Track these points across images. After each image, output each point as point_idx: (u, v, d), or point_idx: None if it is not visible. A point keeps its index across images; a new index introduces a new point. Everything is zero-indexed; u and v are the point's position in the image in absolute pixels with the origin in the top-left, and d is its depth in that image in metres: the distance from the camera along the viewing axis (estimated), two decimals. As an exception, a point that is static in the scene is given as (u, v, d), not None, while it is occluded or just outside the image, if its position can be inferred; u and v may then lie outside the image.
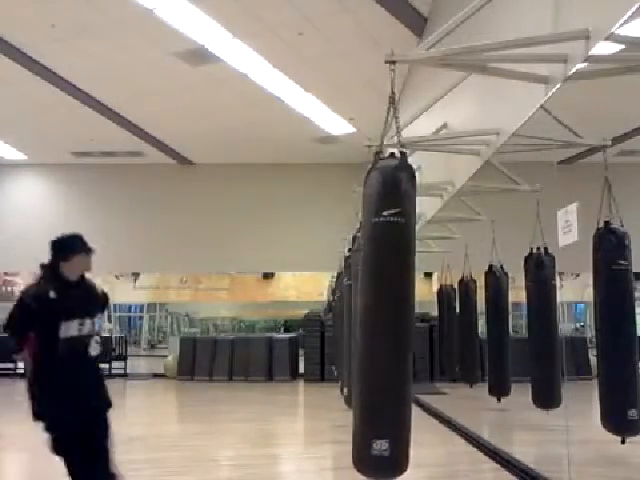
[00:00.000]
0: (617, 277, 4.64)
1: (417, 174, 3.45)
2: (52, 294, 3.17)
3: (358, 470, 3.24)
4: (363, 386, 3.29)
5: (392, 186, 3.31)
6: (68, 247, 3.36)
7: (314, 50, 8.48)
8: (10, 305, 3.25)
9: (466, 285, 9.03)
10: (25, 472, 5.78)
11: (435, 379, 11.19)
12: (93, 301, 3.41)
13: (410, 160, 3.47)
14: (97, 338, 3.28)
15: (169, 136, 12.32)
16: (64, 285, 3.25)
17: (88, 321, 3.24)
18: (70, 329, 3.15)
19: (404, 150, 3.42)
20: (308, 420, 8.98)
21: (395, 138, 3.58)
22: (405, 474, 3.25)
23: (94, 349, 3.24)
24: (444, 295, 10.12)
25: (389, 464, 3.14)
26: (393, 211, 3.22)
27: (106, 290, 3.61)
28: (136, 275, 14.61)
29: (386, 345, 3.21)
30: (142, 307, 18.88)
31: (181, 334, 16.15)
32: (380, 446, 3.07)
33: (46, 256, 3.34)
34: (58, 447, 3.16)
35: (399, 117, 3.59)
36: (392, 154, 3.43)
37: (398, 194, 3.29)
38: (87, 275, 3.45)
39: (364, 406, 3.26)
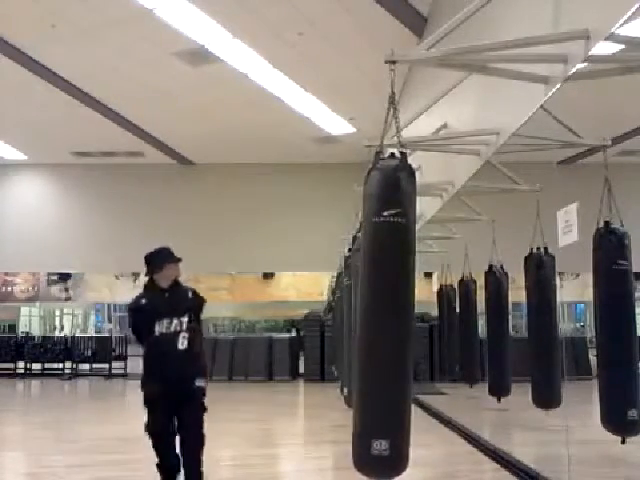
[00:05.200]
0: (617, 277, 4.63)
1: (417, 174, 3.44)
2: (144, 301, 4.05)
3: (358, 470, 3.24)
4: (362, 386, 3.29)
5: (392, 186, 3.30)
6: (158, 259, 4.12)
7: (314, 50, 8.48)
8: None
9: (466, 285, 9.02)
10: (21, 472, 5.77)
11: (435, 379, 11.19)
12: (182, 303, 4.07)
13: (410, 160, 3.46)
14: (185, 334, 3.98)
15: (169, 136, 12.32)
16: (157, 292, 4.05)
17: (178, 320, 3.97)
18: (163, 326, 3.94)
19: (404, 150, 3.42)
20: (308, 420, 8.98)
21: (395, 138, 3.58)
22: (405, 474, 3.24)
23: (181, 344, 3.96)
24: (444, 295, 10.11)
25: (389, 464, 3.14)
26: (393, 211, 3.21)
27: (199, 292, 4.30)
28: (136, 275, 14.59)
29: (385, 345, 3.20)
30: (142, 307, 18.87)
31: (181, 334, 16.11)
32: (380, 446, 3.07)
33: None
34: (146, 405, 4.02)
35: (399, 117, 3.59)
36: (392, 154, 3.42)
37: (398, 194, 3.29)
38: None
39: (364, 406, 3.26)
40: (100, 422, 8.32)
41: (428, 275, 12.52)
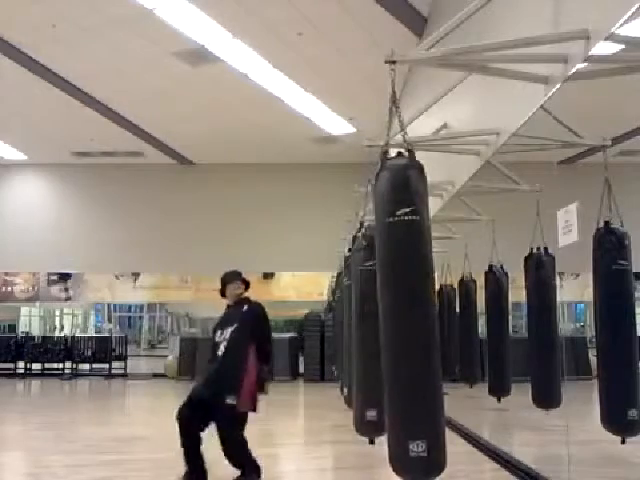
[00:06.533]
0: (617, 277, 4.62)
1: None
2: (218, 317, 4.85)
3: (397, 473, 3.17)
4: (393, 388, 3.23)
5: (403, 185, 3.26)
6: (224, 280, 4.84)
7: (314, 50, 8.48)
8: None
9: (466, 285, 9.00)
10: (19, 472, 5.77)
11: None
12: (234, 317, 4.68)
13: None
14: (225, 343, 4.58)
15: (169, 136, 12.33)
16: (227, 308, 4.84)
17: (226, 331, 4.61)
18: (216, 336, 4.70)
19: (412, 148, 3.40)
20: (308, 420, 8.98)
21: (398, 137, 3.57)
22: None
23: (220, 350, 4.61)
24: (444, 295, 10.08)
25: (428, 464, 3.08)
26: (407, 210, 3.17)
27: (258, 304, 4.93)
28: (136, 275, 14.60)
29: (413, 346, 3.16)
30: (142, 307, 18.89)
31: (181, 334, 16.13)
32: (418, 447, 3.04)
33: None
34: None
35: (402, 116, 3.57)
36: (399, 153, 3.40)
37: (410, 192, 3.24)
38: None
39: (396, 409, 3.21)
40: (100, 422, 8.32)
41: (428, 275, 12.51)
